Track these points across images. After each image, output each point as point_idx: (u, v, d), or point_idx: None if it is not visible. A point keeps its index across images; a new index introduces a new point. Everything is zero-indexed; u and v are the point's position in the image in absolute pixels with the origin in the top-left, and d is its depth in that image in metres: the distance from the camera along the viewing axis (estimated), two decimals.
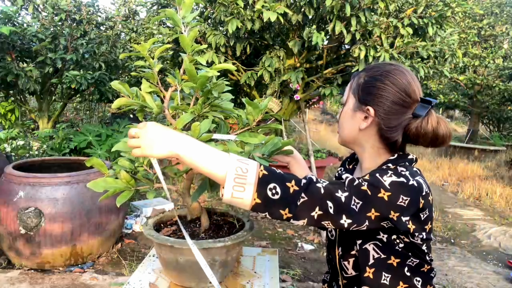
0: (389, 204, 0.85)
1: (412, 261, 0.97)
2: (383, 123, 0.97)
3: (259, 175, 0.84)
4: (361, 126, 0.99)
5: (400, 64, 1.02)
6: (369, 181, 0.88)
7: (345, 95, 1.04)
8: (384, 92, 0.96)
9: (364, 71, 1.02)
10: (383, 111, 0.96)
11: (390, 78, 0.97)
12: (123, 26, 6.14)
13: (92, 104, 7.27)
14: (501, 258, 3.13)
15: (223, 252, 1.09)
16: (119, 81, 1.06)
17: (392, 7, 3.11)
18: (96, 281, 2.28)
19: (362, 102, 0.99)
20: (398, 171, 0.92)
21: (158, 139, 0.85)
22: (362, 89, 0.99)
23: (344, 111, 1.03)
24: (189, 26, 1.07)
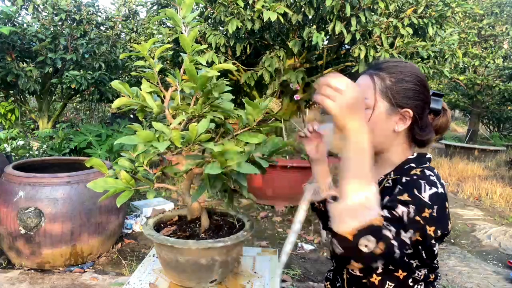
0: (432, 219, 0.86)
1: (419, 274, 0.99)
2: (419, 123, 0.98)
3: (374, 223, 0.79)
4: (398, 128, 0.98)
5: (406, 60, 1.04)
6: (414, 206, 0.86)
7: (368, 98, 0.98)
8: (417, 93, 0.97)
9: (383, 71, 0.99)
10: (418, 111, 0.97)
11: (415, 76, 0.98)
12: (123, 26, 6.14)
13: (92, 104, 7.27)
14: (501, 258, 3.13)
15: (223, 252, 1.09)
16: (119, 81, 1.06)
17: (392, 7, 3.11)
18: (96, 281, 2.28)
19: (398, 105, 0.97)
20: (427, 177, 0.92)
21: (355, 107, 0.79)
22: (396, 92, 0.97)
23: (376, 115, 0.97)
24: (189, 26, 1.07)
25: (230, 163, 0.97)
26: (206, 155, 1.08)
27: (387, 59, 1.03)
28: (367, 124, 0.83)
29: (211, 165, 0.97)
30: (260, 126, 1.12)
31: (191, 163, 1.04)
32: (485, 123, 10.64)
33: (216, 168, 0.95)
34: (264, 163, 1.03)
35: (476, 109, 9.13)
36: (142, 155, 1.06)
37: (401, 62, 1.01)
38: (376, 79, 0.99)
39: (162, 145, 0.95)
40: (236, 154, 0.98)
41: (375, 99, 0.98)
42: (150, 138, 0.98)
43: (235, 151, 0.99)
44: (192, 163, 1.05)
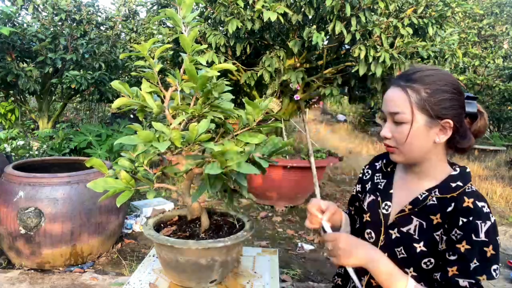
0: (495, 255, 0.90)
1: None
2: (459, 131, 0.97)
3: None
4: (439, 140, 0.97)
5: (435, 66, 1.02)
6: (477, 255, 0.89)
7: (404, 112, 0.96)
8: (454, 101, 0.95)
9: (416, 83, 0.96)
10: (458, 120, 0.96)
11: (450, 85, 0.96)
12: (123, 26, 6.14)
13: (92, 104, 7.27)
14: (501, 258, 3.12)
15: (223, 252, 1.09)
16: (119, 81, 1.06)
17: (392, 7, 3.11)
18: (96, 281, 2.28)
19: (437, 116, 0.95)
20: (480, 211, 0.92)
21: (349, 252, 0.96)
22: (434, 104, 0.94)
23: (415, 130, 0.96)
24: (189, 26, 1.07)
25: (230, 163, 0.97)
26: (206, 155, 1.08)
27: (416, 68, 0.99)
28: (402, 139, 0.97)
29: (211, 165, 0.97)
30: (260, 126, 1.12)
31: (191, 163, 1.05)
32: None
33: (216, 168, 0.95)
34: (264, 163, 1.03)
35: None
36: (142, 155, 1.06)
37: (433, 70, 0.98)
38: (410, 92, 0.96)
39: (162, 145, 0.95)
40: (236, 154, 0.98)
41: (412, 113, 0.95)
42: (150, 138, 0.98)
43: (235, 151, 0.99)
44: (192, 163, 1.05)
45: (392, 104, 0.98)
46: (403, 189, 1.07)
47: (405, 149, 0.99)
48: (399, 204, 1.05)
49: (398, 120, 0.97)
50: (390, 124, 1.00)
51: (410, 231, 0.99)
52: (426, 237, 0.96)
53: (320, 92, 3.59)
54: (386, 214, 1.07)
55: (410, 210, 1.00)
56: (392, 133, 1.00)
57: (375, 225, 1.08)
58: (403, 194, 1.06)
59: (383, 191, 1.11)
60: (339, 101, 3.70)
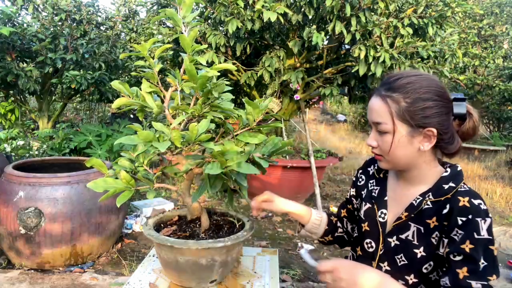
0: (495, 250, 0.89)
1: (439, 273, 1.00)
2: (444, 137, 0.96)
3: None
4: (424, 147, 0.96)
5: (417, 70, 1.01)
6: (483, 253, 0.88)
7: (386, 122, 0.96)
8: (437, 108, 0.94)
9: (396, 92, 0.95)
10: (442, 127, 0.95)
11: (432, 91, 0.94)
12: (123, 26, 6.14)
13: (92, 104, 7.27)
14: (501, 258, 3.13)
15: (223, 252, 1.09)
16: (119, 81, 1.06)
17: (392, 7, 3.11)
18: (96, 281, 2.28)
19: (419, 126, 0.94)
20: (478, 208, 0.91)
21: (356, 282, 0.90)
22: (414, 114, 0.93)
23: (398, 140, 0.96)
24: (189, 26, 1.07)
25: (230, 163, 0.97)
26: (206, 155, 1.08)
27: (398, 75, 0.98)
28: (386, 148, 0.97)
29: (211, 165, 0.97)
30: (260, 126, 1.12)
31: (191, 163, 1.05)
32: (485, 123, 10.63)
33: (216, 168, 0.95)
34: (264, 163, 1.03)
35: (476, 109, 9.12)
36: (142, 155, 1.06)
37: (414, 77, 0.96)
38: (390, 102, 0.95)
39: (162, 145, 0.95)
40: (236, 154, 0.98)
41: (393, 123, 0.95)
42: (150, 138, 0.98)
43: (235, 151, 0.99)
44: (192, 163, 1.05)
45: (374, 114, 0.98)
46: (397, 195, 1.07)
47: (390, 158, 0.99)
48: (394, 211, 1.05)
49: (381, 130, 0.97)
50: (374, 133, 1.01)
51: (409, 238, 0.99)
52: (425, 242, 0.96)
53: (320, 92, 3.59)
54: (383, 222, 1.07)
55: (407, 217, 1.00)
56: (377, 142, 1.00)
57: (374, 234, 1.08)
58: (397, 200, 1.06)
59: (378, 198, 1.11)
60: (339, 101, 3.70)
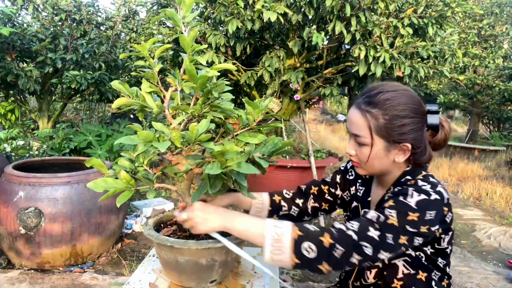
0: (419, 222, 0.90)
1: (436, 274, 1.03)
2: (417, 151, 1.01)
3: (294, 237, 0.92)
4: (399, 159, 1.02)
5: (396, 83, 1.05)
6: (395, 208, 0.92)
7: (364, 136, 1.01)
8: (412, 125, 0.99)
9: (376, 108, 0.99)
10: (416, 141, 1.00)
11: (410, 108, 0.99)
12: (123, 26, 6.14)
13: (92, 104, 7.27)
14: (501, 258, 3.13)
15: (223, 252, 1.09)
16: (119, 81, 1.06)
17: (392, 7, 3.11)
18: (96, 281, 2.28)
19: (395, 141, 1.00)
20: (419, 186, 0.96)
21: (207, 218, 1.02)
22: (392, 130, 0.99)
23: (375, 152, 1.02)
24: (189, 26, 1.07)
25: (230, 163, 0.97)
26: (206, 155, 1.08)
27: (378, 89, 1.02)
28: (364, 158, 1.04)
29: (211, 165, 0.97)
30: (260, 126, 1.12)
31: (191, 163, 1.04)
32: (485, 123, 10.63)
33: (216, 168, 0.95)
34: (264, 163, 1.03)
35: (476, 109, 9.12)
36: (142, 155, 1.06)
37: (393, 92, 1.00)
38: (370, 117, 1.00)
39: (162, 145, 0.95)
40: (236, 154, 0.98)
41: (371, 138, 1.01)
42: (150, 138, 0.98)
43: (235, 151, 0.99)
44: (192, 163, 1.04)
45: (354, 127, 1.04)
46: (377, 195, 1.15)
47: (367, 166, 1.06)
48: (373, 209, 1.13)
49: (360, 142, 1.04)
50: (353, 142, 1.07)
51: None
52: None
53: (320, 92, 3.59)
54: None
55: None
56: (355, 151, 1.07)
57: None
58: (375, 199, 1.15)
59: (362, 198, 1.19)
60: (339, 101, 3.70)
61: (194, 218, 1.03)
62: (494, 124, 10.54)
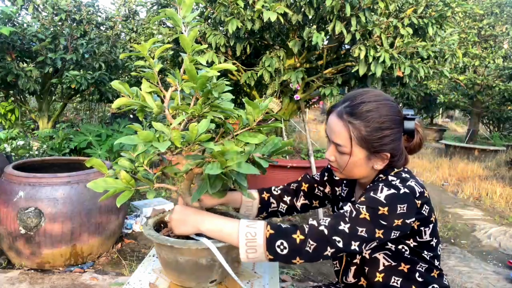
0: (390, 216, 0.93)
1: (422, 266, 1.03)
2: (395, 158, 1.04)
3: (266, 236, 0.95)
4: (377, 167, 1.06)
5: (377, 91, 1.06)
6: (366, 204, 0.95)
7: (345, 146, 1.03)
8: (392, 136, 1.02)
9: (358, 119, 1.01)
10: (395, 150, 1.03)
11: (390, 120, 1.01)
12: (123, 26, 6.14)
13: (92, 104, 7.27)
14: (501, 258, 3.13)
15: (223, 253, 1.09)
16: (119, 81, 1.06)
17: (392, 7, 3.11)
18: (96, 281, 2.28)
19: (376, 151, 1.02)
20: (388, 181, 0.99)
21: (182, 221, 1.06)
22: (372, 142, 1.01)
23: (354, 161, 1.04)
24: (189, 26, 1.07)
25: (230, 163, 0.97)
26: (206, 155, 1.08)
27: (360, 98, 1.03)
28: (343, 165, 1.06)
29: (211, 165, 0.97)
30: (260, 126, 1.12)
31: (191, 163, 1.04)
32: (485, 123, 10.63)
33: (216, 168, 0.95)
34: (264, 163, 1.04)
35: (476, 109, 9.12)
36: (142, 155, 1.06)
37: (375, 103, 1.01)
38: (352, 128, 1.02)
39: (162, 145, 0.95)
40: (236, 154, 0.98)
41: (351, 147, 1.02)
42: (150, 138, 0.98)
43: (235, 151, 0.99)
44: (192, 163, 1.04)
45: (334, 136, 1.06)
46: (357, 196, 1.17)
47: (346, 172, 1.08)
48: None
49: (340, 151, 1.05)
50: (333, 149, 1.09)
51: None
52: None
53: (320, 92, 3.59)
54: None
55: None
56: (335, 158, 1.09)
57: None
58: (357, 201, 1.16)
59: (346, 198, 1.22)
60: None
61: (172, 220, 1.08)
62: (494, 124, 10.54)
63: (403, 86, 3.61)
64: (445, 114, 15.54)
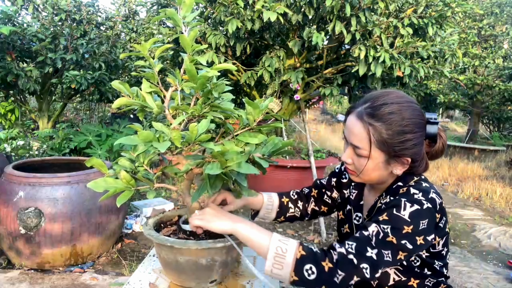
0: (414, 234, 0.90)
1: (430, 281, 1.03)
2: (416, 164, 1.00)
3: (297, 256, 0.91)
4: (396, 172, 1.01)
5: (400, 93, 1.00)
6: (391, 224, 0.91)
7: (365, 149, 0.98)
8: (415, 140, 0.97)
9: (379, 122, 0.96)
10: (416, 155, 0.99)
11: (413, 123, 0.96)
12: (123, 26, 6.14)
13: (92, 104, 7.26)
14: (501, 258, 3.13)
15: (223, 253, 1.09)
16: (119, 81, 1.06)
17: (392, 7, 3.11)
18: (96, 281, 2.28)
19: (396, 156, 0.97)
20: (411, 195, 0.94)
21: (217, 216, 1.05)
22: (394, 146, 0.96)
23: (374, 165, 0.99)
24: (189, 26, 1.07)
25: (230, 163, 0.96)
26: (206, 155, 1.08)
27: (381, 99, 0.98)
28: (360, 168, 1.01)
29: (211, 165, 0.97)
30: (261, 126, 1.12)
31: (191, 163, 1.04)
32: (485, 123, 10.63)
33: (216, 169, 0.95)
34: (264, 163, 1.03)
35: (476, 109, 9.12)
36: (142, 155, 1.06)
37: (397, 105, 0.96)
38: (372, 131, 0.96)
39: (162, 145, 0.95)
40: (236, 154, 0.98)
41: (370, 150, 0.97)
42: (150, 138, 0.98)
43: (235, 151, 0.99)
44: (192, 163, 1.04)
45: (353, 137, 1.00)
46: (369, 200, 1.14)
47: (363, 176, 1.03)
48: (366, 215, 1.14)
49: (358, 153, 1.00)
50: (351, 151, 1.04)
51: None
52: None
53: (320, 92, 3.59)
54: (358, 225, 1.16)
55: (368, 217, 1.09)
56: (352, 160, 1.04)
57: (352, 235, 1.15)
58: (367, 204, 1.14)
59: (354, 201, 1.19)
60: (339, 101, 3.69)
61: (207, 213, 1.06)
62: (494, 124, 10.54)
63: (403, 86, 3.61)
64: (445, 114, 15.53)
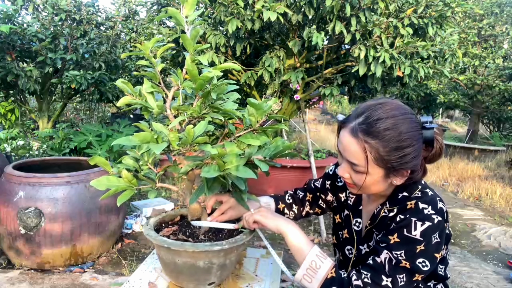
0: (427, 250, 0.90)
1: (433, 282, 1.05)
2: (415, 174, 0.99)
3: (327, 276, 0.95)
4: (396, 182, 0.99)
5: (394, 103, 0.97)
6: (403, 248, 0.90)
7: (362, 166, 0.96)
8: (414, 153, 0.94)
9: (375, 139, 0.92)
10: (415, 166, 0.97)
11: (411, 136, 0.93)
12: (123, 26, 6.14)
13: (92, 104, 7.26)
14: (501, 258, 3.13)
15: (221, 255, 1.08)
16: (122, 80, 1.06)
17: (392, 7, 3.10)
18: (96, 281, 2.28)
19: (395, 170, 0.95)
20: (420, 212, 0.93)
21: (272, 215, 1.09)
22: (392, 161, 0.93)
23: (372, 180, 0.97)
24: (192, 25, 1.07)
25: (228, 166, 0.96)
26: (206, 156, 1.08)
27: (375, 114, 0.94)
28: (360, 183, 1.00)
29: (208, 167, 0.96)
30: (264, 128, 1.11)
31: (190, 164, 1.04)
32: (485, 123, 10.63)
33: (213, 171, 0.95)
34: (264, 166, 1.02)
35: (476, 109, 9.12)
36: (147, 153, 1.05)
37: (392, 120, 0.93)
38: (369, 148, 0.93)
39: (158, 147, 0.94)
40: (235, 157, 0.97)
41: (367, 167, 0.95)
42: (147, 139, 0.97)
43: (234, 153, 0.98)
44: (191, 165, 1.04)
45: (349, 154, 0.97)
46: (368, 206, 1.14)
47: (362, 189, 1.01)
48: (365, 221, 1.13)
49: (356, 170, 0.98)
50: (347, 166, 1.01)
51: (374, 245, 1.04)
52: None
53: (320, 92, 3.59)
54: (358, 231, 1.14)
55: (370, 225, 1.07)
56: (350, 175, 1.01)
57: (352, 241, 1.16)
58: (368, 211, 1.13)
59: (353, 207, 1.18)
60: (339, 101, 3.69)
61: (264, 211, 1.10)
62: (494, 124, 10.53)
63: (403, 86, 3.61)
64: (445, 114, 15.53)
